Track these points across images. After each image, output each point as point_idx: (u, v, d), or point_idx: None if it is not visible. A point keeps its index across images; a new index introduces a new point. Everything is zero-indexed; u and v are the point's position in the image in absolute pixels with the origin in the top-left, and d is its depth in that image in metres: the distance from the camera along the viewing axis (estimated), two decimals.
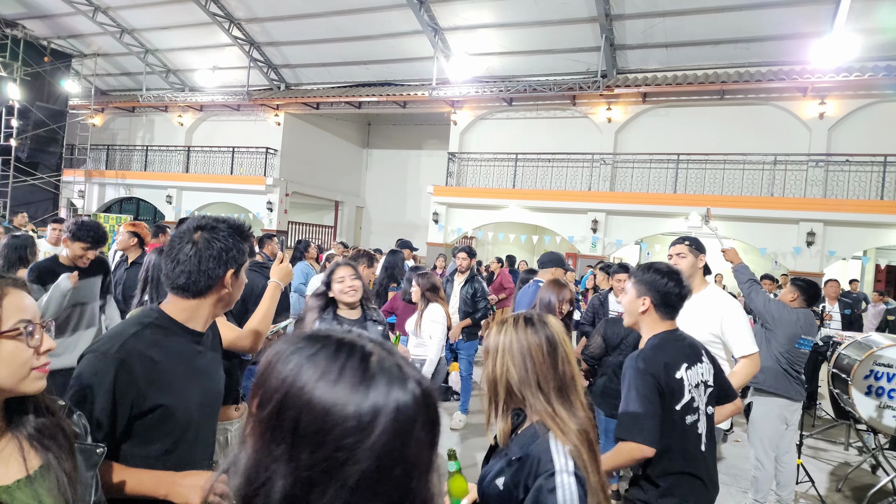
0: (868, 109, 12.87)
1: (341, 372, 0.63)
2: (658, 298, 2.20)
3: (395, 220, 20.57)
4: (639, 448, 2.00)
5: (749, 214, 12.74)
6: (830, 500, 4.63)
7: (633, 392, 2.07)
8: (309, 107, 18.29)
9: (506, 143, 16.00)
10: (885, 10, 11.48)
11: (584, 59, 14.76)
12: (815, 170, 13.00)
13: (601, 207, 14.29)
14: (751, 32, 12.95)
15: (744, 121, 13.84)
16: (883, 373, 4.79)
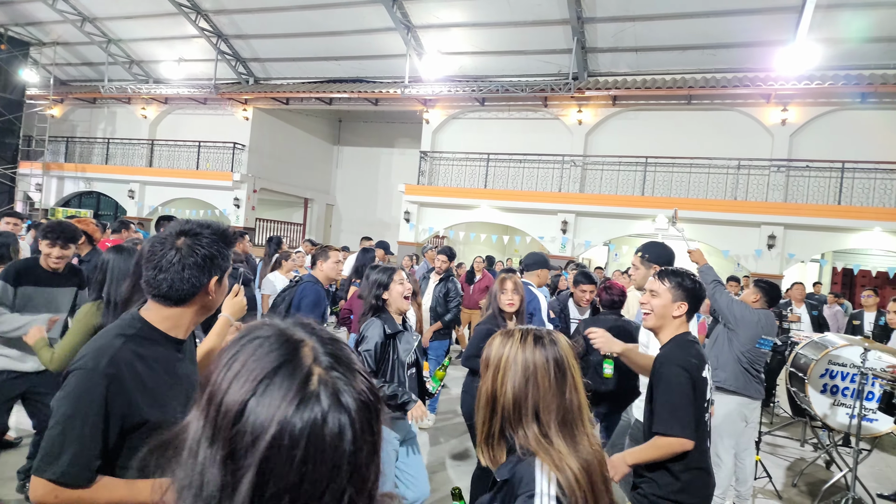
0: (828, 117, 13.30)
1: (274, 382, 0.62)
2: (694, 304, 2.33)
3: (365, 219, 20.43)
4: (679, 442, 2.08)
5: (713, 217, 13.03)
6: (786, 495, 4.74)
7: (672, 387, 2.15)
8: (278, 102, 18.01)
9: (478, 142, 16.04)
10: (845, 21, 11.87)
11: (555, 61, 14.88)
12: (776, 175, 13.37)
13: (571, 208, 14.43)
14: (717, 39, 13.25)
15: (710, 125, 14.15)
16: (838, 372, 4.94)
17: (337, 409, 0.62)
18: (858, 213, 12.10)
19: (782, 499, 4.65)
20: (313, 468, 0.59)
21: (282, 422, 0.59)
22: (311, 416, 0.60)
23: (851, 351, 4.83)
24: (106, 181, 19.33)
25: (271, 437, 0.59)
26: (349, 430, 0.62)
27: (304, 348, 0.66)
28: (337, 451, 0.61)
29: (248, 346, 0.65)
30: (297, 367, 0.63)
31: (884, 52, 12.41)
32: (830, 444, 5.38)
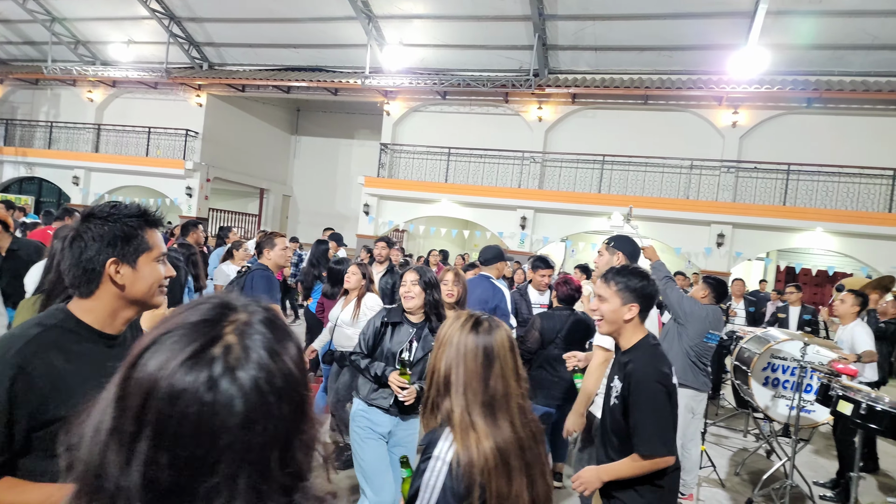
0: (776, 120, 13.81)
1: (179, 336, 0.61)
2: (644, 304, 2.21)
3: (323, 211, 20.11)
4: (665, 461, 2.07)
5: (666, 215, 13.37)
6: (730, 484, 4.91)
7: (653, 406, 2.08)
8: (234, 89, 17.49)
9: (439, 136, 15.98)
10: (794, 28, 12.33)
11: (517, 57, 14.96)
12: (726, 175, 13.82)
13: (530, 205, 14.56)
14: (673, 41, 13.57)
15: (665, 126, 14.50)
16: (779, 365, 5.13)
17: (229, 379, 0.59)
18: (802, 213, 12.63)
19: (725, 487, 4.81)
20: (192, 435, 0.57)
21: (165, 376, 0.57)
22: (197, 379, 0.58)
23: (792, 345, 5.01)
24: (49, 166, 18.40)
25: (151, 389, 0.57)
26: (239, 404, 0.58)
27: (233, 316, 0.64)
28: (222, 424, 0.58)
29: (189, 308, 0.64)
30: (211, 328, 0.61)
31: (829, 59, 12.97)
32: (771, 434, 5.59)
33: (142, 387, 0.58)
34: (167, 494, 0.57)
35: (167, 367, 0.58)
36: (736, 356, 5.65)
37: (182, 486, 0.57)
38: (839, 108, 13.31)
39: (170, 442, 0.57)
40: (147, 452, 0.56)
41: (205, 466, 0.57)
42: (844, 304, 5.07)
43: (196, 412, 0.57)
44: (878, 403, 3.39)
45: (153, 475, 0.56)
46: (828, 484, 5.02)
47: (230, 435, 0.58)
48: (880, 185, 12.59)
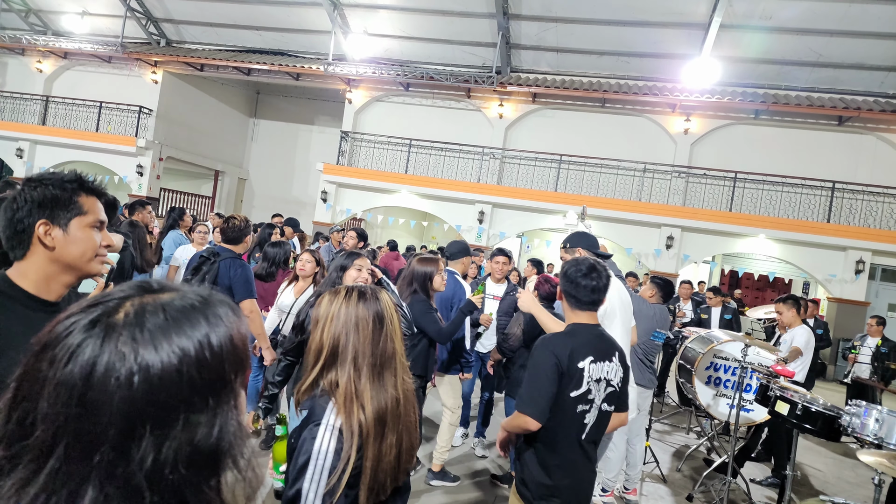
0: (725, 129, 14.38)
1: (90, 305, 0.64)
2: (566, 288, 2.37)
3: (280, 196, 19.70)
4: (525, 420, 2.16)
5: (619, 216, 13.73)
6: (671, 479, 5.11)
7: (537, 370, 2.20)
8: (192, 67, 16.87)
9: (400, 127, 15.90)
10: (746, 41, 12.85)
11: (480, 54, 15.01)
12: (677, 180, 14.30)
13: (488, 199, 14.68)
14: (631, 48, 13.91)
15: (620, 129, 14.87)
16: (721, 365, 5.37)
17: (112, 350, 0.60)
18: (747, 220, 13.21)
19: (667, 482, 5.00)
20: (70, 402, 0.58)
21: (57, 337, 0.61)
22: (77, 341, 0.61)
23: (733, 346, 5.25)
24: None
25: (48, 343, 0.61)
26: (121, 375, 0.60)
27: (147, 296, 0.65)
28: (104, 394, 0.59)
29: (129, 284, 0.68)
30: (114, 299, 0.64)
31: (777, 73, 13.58)
32: (712, 432, 5.86)
33: (41, 340, 0.62)
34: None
35: (66, 325, 0.62)
36: (681, 355, 5.87)
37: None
38: (784, 121, 13.97)
39: (31, 398, 0.59)
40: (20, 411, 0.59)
41: (86, 440, 0.58)
42: (785, 315, 5.34)
43: (59, 373, 0.59)
44: (813, 405, 3.60)
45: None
46: (764, 482, 5.30)
47: (109, 408, 0.59)
48: (820, 196, 13.30)
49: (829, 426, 3.50)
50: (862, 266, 12.63)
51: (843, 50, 12.63)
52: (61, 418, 0.58)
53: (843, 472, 5.95)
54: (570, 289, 2.34)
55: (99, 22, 17.02)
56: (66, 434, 0.58)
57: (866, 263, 12.63)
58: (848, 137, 13.67)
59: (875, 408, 3.26)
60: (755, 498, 4.55)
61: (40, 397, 0.59)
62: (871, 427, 3.18)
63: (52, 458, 0.58)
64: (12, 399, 0.60)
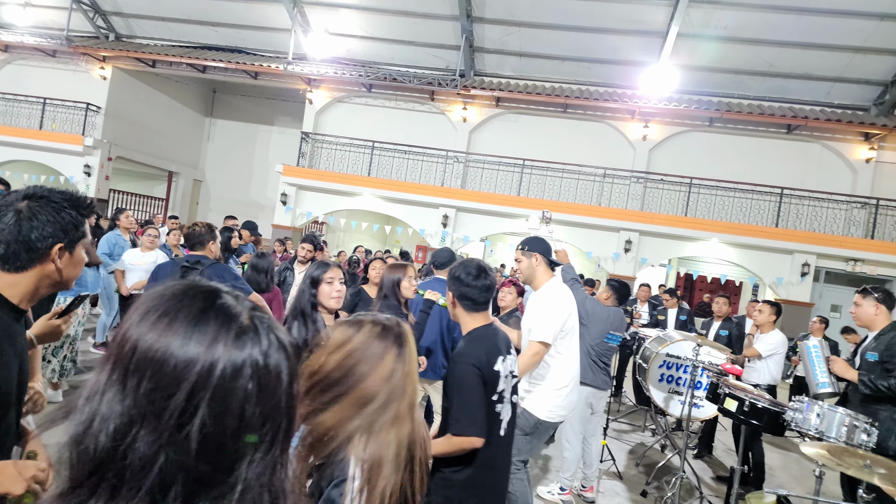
0: (682, 136, 14.77)
1: (206, 322, 0.63)
2: (457, 293, 2.36)
3: (238, 198, 19.26)
4: (470, 441, 2.12)
5: (580, 221, 13.93)
6: (627, 475, 5.17)
7: (463, 387, 2.16)
8: (143, 63, 16.35)
9: (363, 129, 15.76)
10: (702, 50, 13.24)
11: (444, 56, 15.03)
12: (636, 185, 14.61)
13: (452, 203, 14.68)
14: (592, 54, 14.17)
15: (582, 134, 15.11)
16: (673, 363, 5.48)
17: (276, 345, 0.65)
18: (701, 224, 13.59)
19: (623, 479, 5.06)
20: (256, 402, 0.62)
21: (218, 359, 0.61)
22: (251, 353, 0.63)
23: (686, 346, 5.37)
24: None
25: (206, 375, 0.60)
26: (285, 365, 0.65)
27: (224, 294, 0.67)
28: (279, 386, 0.64)
29: (166, 296, 0.65)
30: (225, 308, 0.65)
31: (731, 82, 14.04)
32: (666, 429, 5.96)
33: (194, 376, 0.60)
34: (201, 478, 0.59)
35: (216, 350, 0.61)
36: (640, 355, 5.98)
37: (215, 469, 0.60)
38: (737, 129, 14.44)
39: (219, 419, 0.60)
40: (196, 433, 0.58)
41: (258, 427, 0.62)
42: (762, 314, 5.47)
43: (258, 383, 0.63)
44: (759, 401, 3.69)
45: (193, 459, 0.58)
46: (718, 477, 5.41)
47: (282, 395, 0.65)
48: (769, 202, 13.78)
49: (774, 421, 3.59)
50: (807, 269, 13.14)
51: (792, 60, 13.15)
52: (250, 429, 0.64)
53: (789, 466, 6.13)
54: (466, 291, 2.34)
55: (43, 14, 16.33)
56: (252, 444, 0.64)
57: (811, 266, 13.15)
58: (796, 145, 14.22)
59: (817, 403, 3.36)
60: (705, 491, 4.64)
61: (228, 419, 0.62)
62: (813, 421, 3.28)
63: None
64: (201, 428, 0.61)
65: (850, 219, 13.58)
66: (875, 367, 3.48)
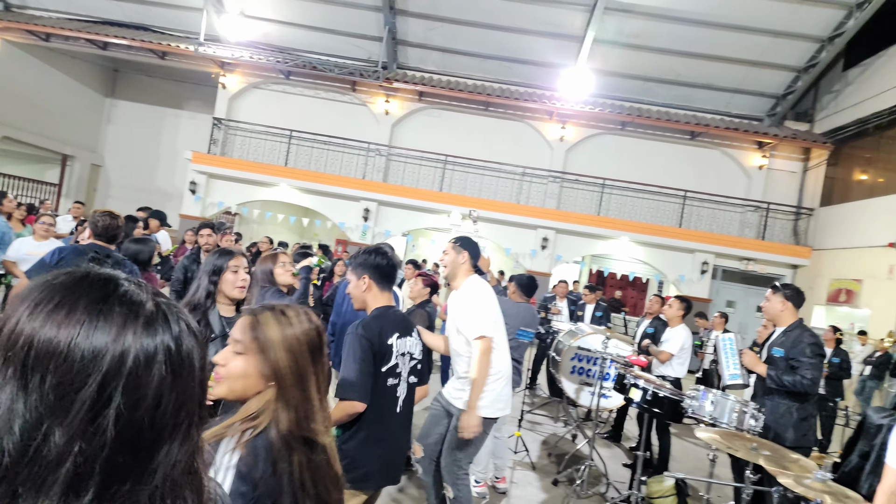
0: (596, 138, 15.38)
1: (109, 310, 0.60)
2: (374, 274, 2.48)
3: (141, 186, 17.97)
4: (351, 405, 2.25)
5: (500, 218, 14.17)
6: (540, 465, 5.29)
7: (352, 356, 2.29)
8: (36, 36, 14.88)
9: (280, 117, 15.19)
10: (615, 56, 13.82)
11: (366, 47, 14.78)
12: (553, 184, 15.06)
13: (373, 197, 14.48)
14: (513, 54, 14.43)
15: (503, 133, 15.37)
16: (584, 356, 5.67)
17: (187, 331, 0.64)
18: (612, 224, 14.23)
19: (536, 469, 5.18)
20: (172, 389, 0.61)
21: (129, 347, 0.59)
22: (164, 339, 0.61)
23: (596, 339, 5.56)
24: None
25: (117, 364, 0.58)
26: (197, 351, 0.65)
27: (123, 281, 0.64)
28: (192, 372, 0.64)
29: (58, 287, 0.61)
30: (128, 295, 0.62)
31: (641, 88, 14.77)
32: (577, 420, 6.16)
33: (104, 367, 0.57)
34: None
35: (124, 335, 0.59)
36: (553, 348, 6.14)
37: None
38: (646, 134, 15.23)
39: (134, 408, 0.58)
40: (111, 424, 0.56)
41: (171, 418, 0.61)
42: (672, 309, 5.72)
43: (172, 370, 0.61)
44: (660, 391, 3.88)
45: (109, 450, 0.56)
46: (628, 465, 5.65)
47: (196, 382, 0.64)
48: (674, 204, 14.65)
49: (674, 409, 3.77)
50: (706, 267, 14.10)
51: (697, 71, 14.02)
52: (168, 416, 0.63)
53: (688, 451, 6.53)
54: (377, 273, 2.48)
55: None
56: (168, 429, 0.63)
57: (710, 265, 14.12)
58: (699, 151, 15.20)
59: (711, 392, 3.56)
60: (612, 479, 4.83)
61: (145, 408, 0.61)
62: (708, 408, 3.48)
63: None
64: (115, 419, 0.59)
65: (744, 221, 14.70)
66: (781, 363, 3.65)
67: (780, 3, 11.97)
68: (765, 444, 2.90)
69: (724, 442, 2.84)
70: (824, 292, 12.79)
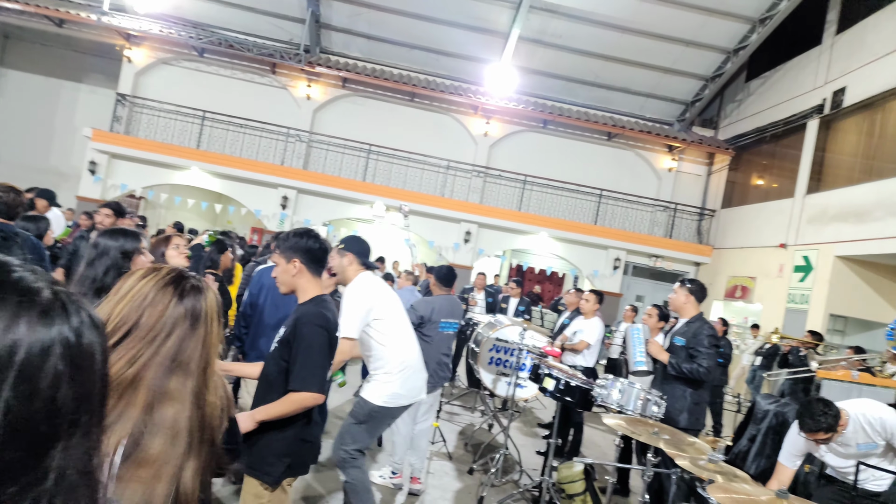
0: (519, 135, 15.67)
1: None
2: (306, 258, 2.37)
3: (33, 164, 16.33)
4: (313, 397, 2.21)
5: (424, 210, 14.13)
6: (456, 455, 5.32)
7: (314, 347, 2.24)
8: None
9: (193, 96, 14.32)
10: (539, 55, 14.12)
11: (287, 29, 14.23)
12: (476, 179, 15.20)
13: (293, 184, 14.00)
14: (440, 46, 14.41)
15: (428, 125, 15.32)
16: (502, 347, 5.74)
17: (88, 323, 0.61)
18: (532, 219, 14.56)
19: (452, 459, 5.19)
20: (70, 384, 0.58)
21: (21, 338, 0.55)
22: (61, 330, 0.58)
23: (513, 330, 5.65)
24: None
25: (7, 356, 0.54)
26: (99, 344, 0.62)
27: (16, 267, 0.60)
28: (93, 366, 0.61)
29: None
30: (21, 282, 0.58)
31: (563, 88, 15.19)
32: (494, 409, 6.24)
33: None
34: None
35: (17, 325, 0.55)
36: (473, 340, 6.17)
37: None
38: (567, 133, 15.69)
39: (26, 403, 0.55)
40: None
41: (70, 416, 0.58)
42: (589, 303, 5.88)
43: (71, 364, 0.58)
44: (572, 380, 3.97)
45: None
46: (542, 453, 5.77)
47: (97, 377, 0.62)
48: (590, 202, 15.20)
49: (584, 398, 3.88)
50: (618, 263, 14.76)
51: (614, 74, 14.59)
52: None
53: (595, 438, 6.79)
54: (308, 256, 2.37)
55: None
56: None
57: (622, 261, 14.80)
58: (614, 152, 15.85)
59: (619, 380, 3.69)
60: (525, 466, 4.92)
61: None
62: (615, 396, 3.60)
63: None
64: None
65: (653, 220, 15.50)
66: (681, 351, 3.91)
67: (691, 14, 12.67)
68: (665, 428, 3.02)
69: (629, 427, 2.94)
70: (722, 288, 13.75)
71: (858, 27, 11.05)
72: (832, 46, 11.73)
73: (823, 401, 2.90)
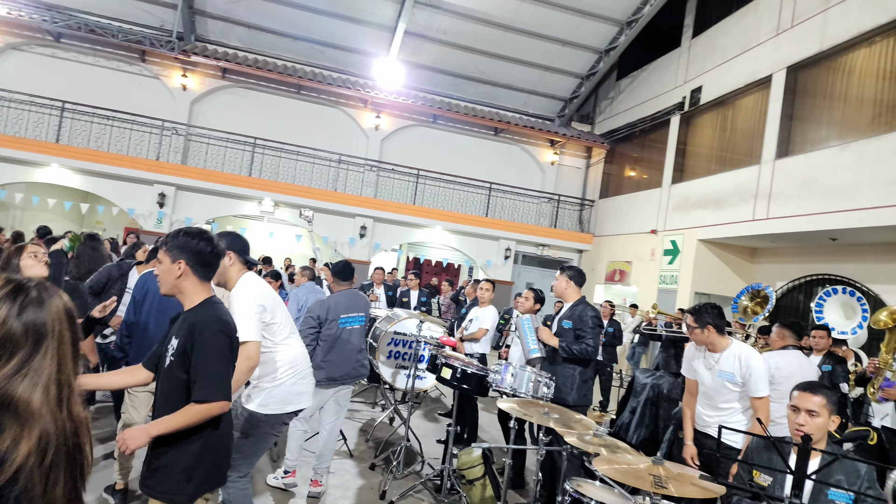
0: (410, 129, 15.76)
1: None
2: (194, 260, 2.22)
3: None
4: (220, 406, 2.09)
5: (315, 205, 13.77)
6: (357, 452, 5.30)
7: (216, 353, 2.11)
8: None
9: (50, 85, 12.90)
10: (426, 50, 14.27)
11: (158, 14, 13.24)
12: (369, 173, 15.10)
13: (170, 181, 13.08)
14: (326, 37, 14.10)
15: (317, 118, 14.96)
16: (400, 340, 5.80)
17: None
18: (427, 213, 14.75)
19: (353, 456, 5.17)
20: None
21: None
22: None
23: (410, 323, 5.73)
24: None
25: None
26: None
27: None
28: None
29: None
30: None
31: (451, 84, 15.47)
32: (394, 403, 6.29)
33: None
34: None
35: None
36: (371, 335, 6.16)
37: None
38: (456, 128, 16.03)
39: None
40: None
41: None
42: (487, 292, 6.06)
43: None
44: (468, 368, 4.12)
45: None
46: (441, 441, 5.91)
47: None
48: (481, 195, 15.67)
49: (480, 384, 4.04)
50: (509, 253, 15.39)
51: (499, 71, 15.11)
52: None
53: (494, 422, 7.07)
54: (197, 259, 2.23)
55: None
56: None
57: (512, 251, 15.44)
58: (502, 146, 16.44)
59: (511, 366, 3.89)
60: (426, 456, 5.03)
61: None
62: (508, 381, 3.79)
63: None
64: None
65: (539, 211, 16.31)
66: (568, 333, 4.17)
67: (566, 14, 13.42)
68: (555, 408, 3.24)
69: (521, 409, 3.12)
70: (603, 273, 14.81)
71: (711, 31, 12.31)
72: (689, 49, 12.97)
73: (718, 309, 3.40)
